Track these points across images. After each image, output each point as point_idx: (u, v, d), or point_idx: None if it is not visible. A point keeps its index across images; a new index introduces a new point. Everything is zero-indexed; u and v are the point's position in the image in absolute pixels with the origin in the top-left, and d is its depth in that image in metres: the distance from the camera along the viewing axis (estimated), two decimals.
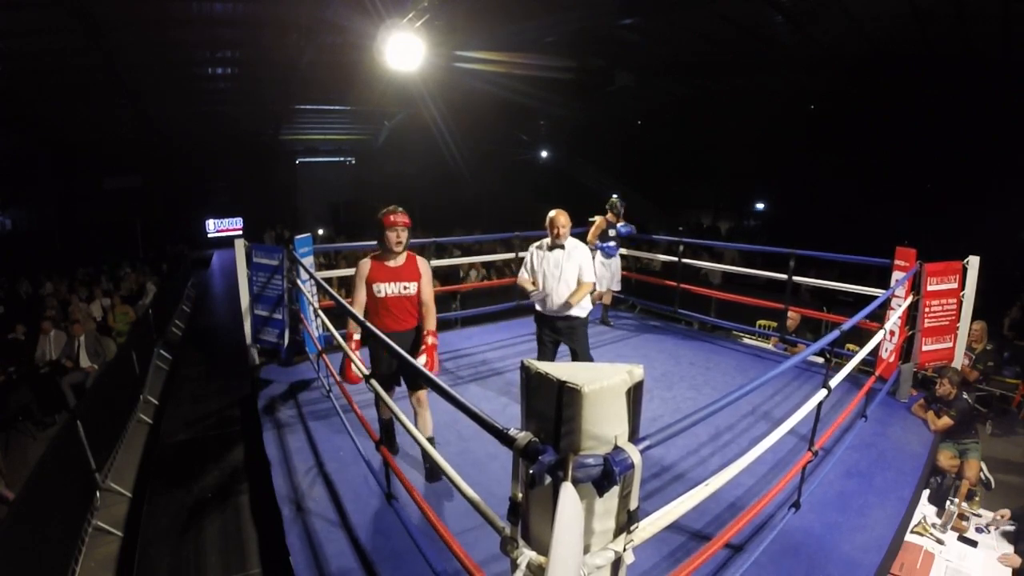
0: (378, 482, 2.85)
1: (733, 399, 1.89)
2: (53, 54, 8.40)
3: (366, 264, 3.05)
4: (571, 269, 3.52)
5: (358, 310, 2.94)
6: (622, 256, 6.65)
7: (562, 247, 3.56)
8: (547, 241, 3.62)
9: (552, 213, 3.57)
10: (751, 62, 10.28)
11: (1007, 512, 3.22)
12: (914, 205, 9.93)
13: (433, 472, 2.97)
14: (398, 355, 2.19)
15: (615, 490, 1.27)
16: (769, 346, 5.74)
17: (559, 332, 3.65)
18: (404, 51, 5.15)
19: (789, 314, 5.36)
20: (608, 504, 1.30)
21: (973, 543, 3.02)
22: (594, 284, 3.69)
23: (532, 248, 3.71)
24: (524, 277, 3.72)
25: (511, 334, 5.81)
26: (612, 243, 5.72)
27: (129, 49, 8.75)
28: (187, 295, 10.85)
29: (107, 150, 14.11)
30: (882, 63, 9.07)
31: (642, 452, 1.29)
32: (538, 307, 3.69)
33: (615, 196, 5.77)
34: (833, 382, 2.58)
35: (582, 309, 3.60)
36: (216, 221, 17.86)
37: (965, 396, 4.05)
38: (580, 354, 3.67)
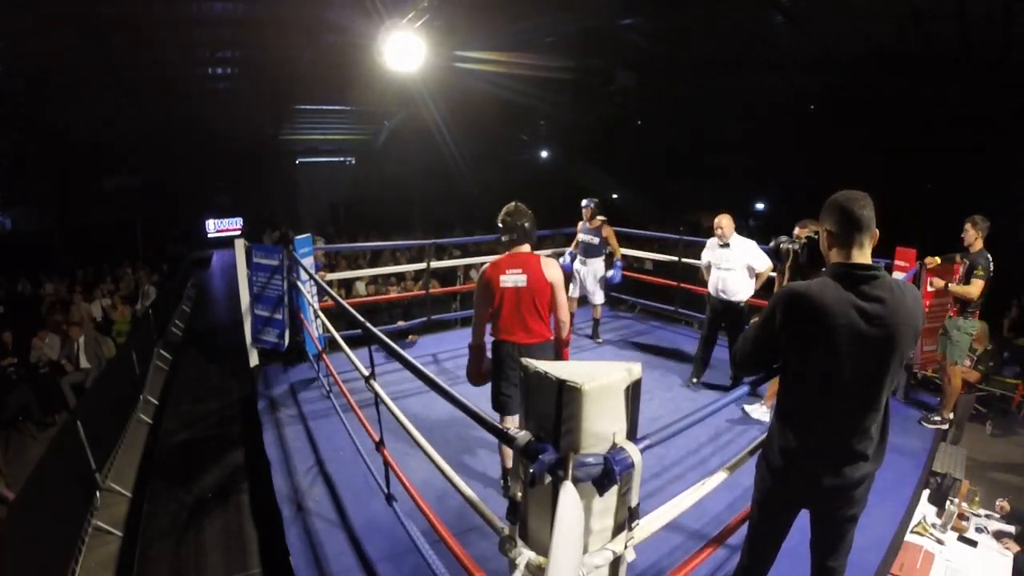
0: (378, 482, 2.86)
1: (733, 399, 1.89)
2: (53, 54, 8.40)
3: None
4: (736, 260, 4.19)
5: None
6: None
7: (727, 245, 4.22)
8: (716, 240, 4.32)
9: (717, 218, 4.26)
10: (751, 62, 10.28)
11: (1006, 504, 3.21)
12: (914, 205, 9.93)
13: None
14: None
15: (614, 489, 1.27)
16: None
17: (716, 311, 4.32)
18: (404, 51, 5.15)
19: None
20: (607, 503, 1.30)
21: (973, 543, 3.01)
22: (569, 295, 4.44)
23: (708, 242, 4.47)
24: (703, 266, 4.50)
25: None
26: (567, 257, 5.53)
27: (129, 49, 8.74)
28: (187, 295, 10.86)
29: (107, 150, 14.08)
30: (882, 63, 9.06)
31: (642, 451, 1.29)
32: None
33: (585, 200, 5.45)
34: None
35: (738, 296, 4.20)
36: (216, 221, 17.86)
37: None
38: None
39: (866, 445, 1.59)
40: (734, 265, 4.20)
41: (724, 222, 4.22)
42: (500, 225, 2.77)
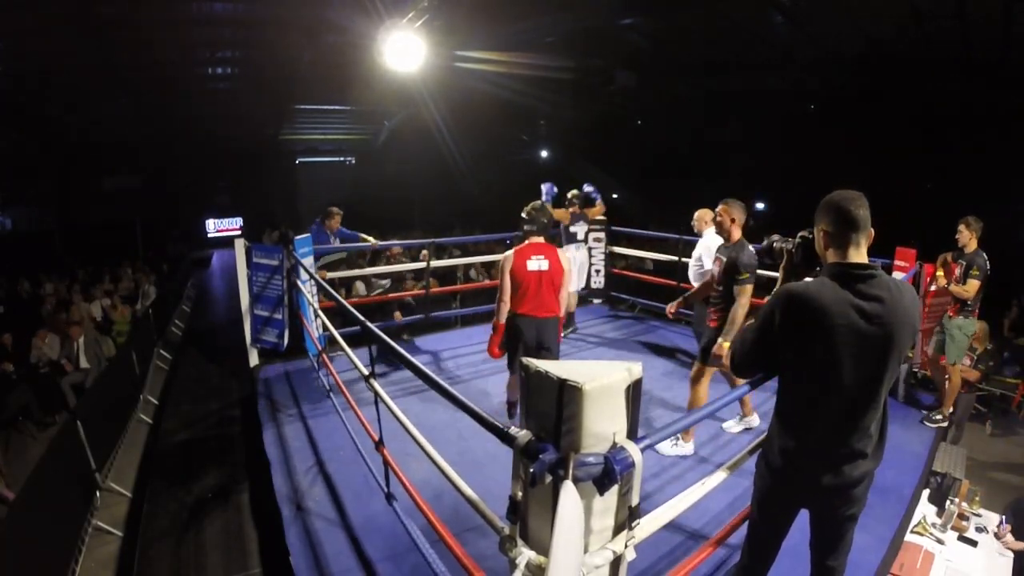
0: (378, 482, 2.86)
1: (733, 398, 1.89)
2: (53, 54, 8.40)
3: None
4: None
5: None
6: (614, 255, 6.67)
7: (700, 236, 4.27)
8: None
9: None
10: (751, 62, 10.28)
11: (1009, 536, 3.16)
12: (914, 205, 9.93)
13: None
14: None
15: (614, 488, 1.27)
16: None
17: None
18: (404, 51, 5.15)
19: None
20: (607, 503, 1.30)
21: (973, 543, 3.01)
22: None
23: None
24: None
25: None
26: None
27: (129, 49, 8.75)
28: (187, 295, 10.86)
29: (107, 150, 14.09)
30: (882, 63, 9.06)
31: (642, 451, 1.29)
32: None
33: (574, 190, 5.86)
34: None
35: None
36: (216, 221, 17.86)
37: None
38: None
39: (865, 443, 1.59)
40: (694, 256, 4.33)
41: (696, 214, 4.33)
42: (525, 216, 3.32)
